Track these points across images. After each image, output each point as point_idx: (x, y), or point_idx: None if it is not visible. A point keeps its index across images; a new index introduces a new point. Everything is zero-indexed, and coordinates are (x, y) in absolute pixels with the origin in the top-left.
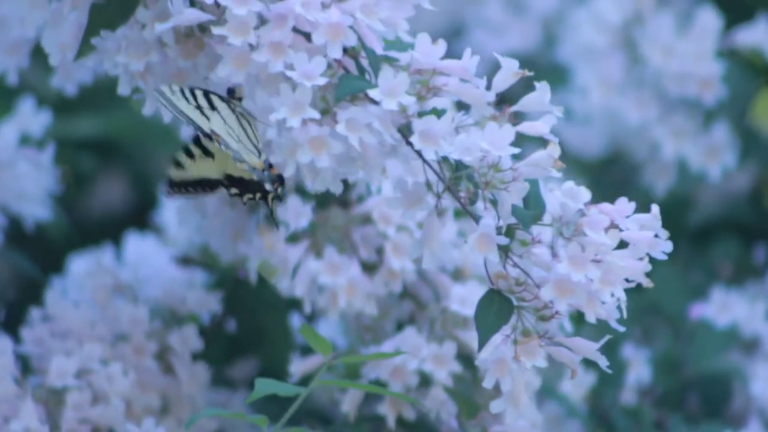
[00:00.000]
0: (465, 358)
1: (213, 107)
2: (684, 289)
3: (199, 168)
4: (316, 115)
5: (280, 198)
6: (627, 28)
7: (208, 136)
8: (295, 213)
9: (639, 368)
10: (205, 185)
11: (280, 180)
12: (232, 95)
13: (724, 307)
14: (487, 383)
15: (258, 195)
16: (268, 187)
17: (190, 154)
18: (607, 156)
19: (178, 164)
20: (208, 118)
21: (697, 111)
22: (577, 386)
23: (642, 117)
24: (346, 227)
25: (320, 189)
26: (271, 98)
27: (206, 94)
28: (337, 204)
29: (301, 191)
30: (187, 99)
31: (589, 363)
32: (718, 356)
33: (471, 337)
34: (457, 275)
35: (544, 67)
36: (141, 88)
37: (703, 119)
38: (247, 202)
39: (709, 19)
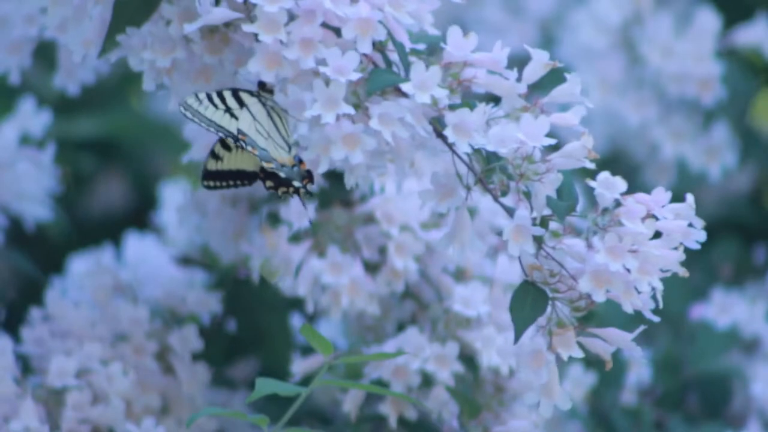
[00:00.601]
0: (467, 358)
1: (242, 104)
2: (684, 289)
3: (236, 160)
4: (351, 110)
5: (309, 193)
6: (626, 29)
7: (235, 138)
8: (298, 212)
9: (639, 368)
10: (242, 177)
11: (309, 176)
12: (263, 88)
13: (725, 308)
14: (523, 375)
15: (291, 189)
16: (296, 183)
17: (227, 147)
18: (607, 156)
19: (216, 156)
20: (237, 118)
21: (697, 111)
22: (577, 386)
23: (641, 117)
24: (349, 227)
25: (351, 184)
26: (304, 93)
27: (234, 92)
28: (340, 203)
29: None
30: (215, 104)
31: (589, 363)
32: (718, 357)
33: (473, 338)
34: (460, 276)
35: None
36: (166, 84)
37: (702, 119)
38: (282, 196)
39: (708, 20)
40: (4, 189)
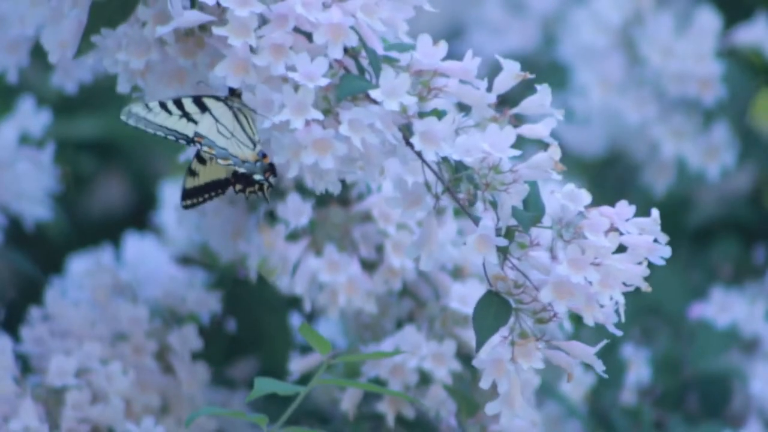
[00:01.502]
0: (464, 356)
1: (204, 109)
2: (684, 289)
3: (210, 172)
4: (320, 116)
5: (271, 185)
6: (626, 28)
7: (192, 141)
8: (295, 211)
9: (639, 368)
10: (216, 187)
11: (271, 168)
12: (232, 93)
13: (724, 307)
14: (484, 384)
15: (257, 187)
16: (257, 177)
17: (202, 161)
18: (607, 156)
19: (192, 172)
20: (195, 122)
21: (697, 111)
22: (576, 386)
23: (641, 117)
24: (346, 225)
25: (321, 189)
26: (272, 93)
27: (196, 99)
28: (337, 202)
29: (301, 189)
30: (168, 111)
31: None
32: (717, 356)
33: (470, 336)
34: (457, 274)
35: (544, 67)
36: (140, 86)
37: (702, 119)
38: (249, 196)
39: (709, 19)
40: (3, 189)
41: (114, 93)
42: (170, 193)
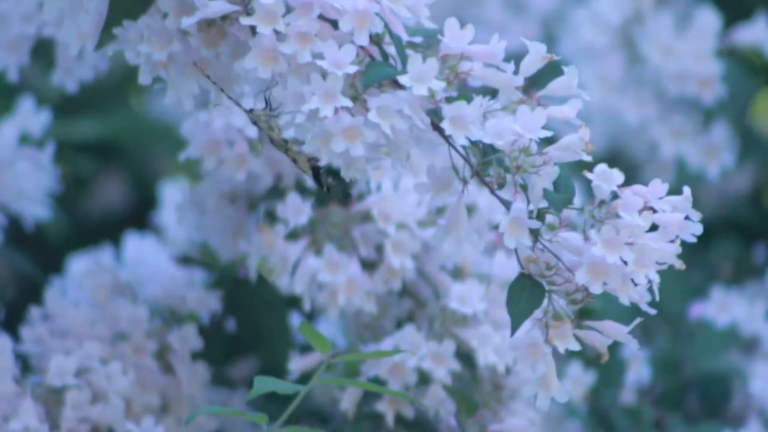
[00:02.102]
0: (464, 356)
1: None
2: (684, 288)
3: None
4: (349, 103)
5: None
6: (626, 28)
7: None
8: (295, 210)
9: (638, 368)
10: None
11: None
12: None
13: (724, 307)
14: (521, 368)
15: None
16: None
17: None
18: (607, 155)
19: None
20: None
21: (697, 110)
22: (576, 385)
23: (641, 116)
24: (346, 225)
25: (351, 176)
26: (303, 86)
27: None
28: (337, 201)
29: (300, 188)
30: None
31: (588, 362)
32: (717, 356)
33: (470, 336)
34: (457, 274)
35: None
36: (162, 77)
37: (702, 119)
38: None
39: (709, 19)
40: (3, 188)
41: (114, 94)
42: (170, 192)
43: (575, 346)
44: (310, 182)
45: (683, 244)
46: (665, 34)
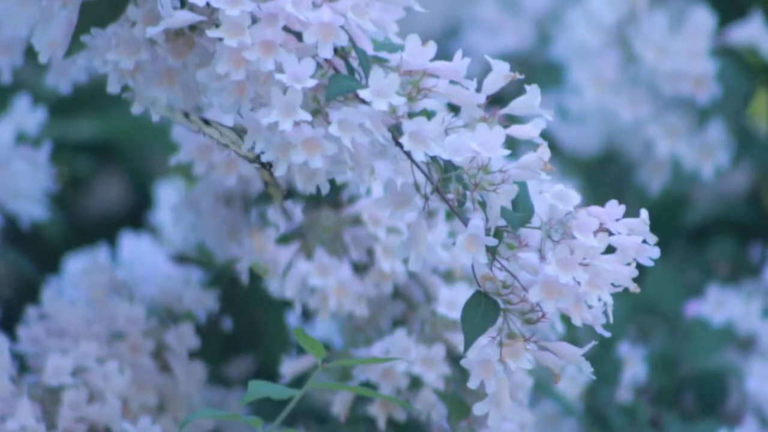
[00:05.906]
0: (455, 359)
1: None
2: (680, 287)
3: None
4: (308, 117)
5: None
6: (621, 27)
7: None
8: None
9: (635, 366)
10: None
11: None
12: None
13: (720, 305)
14: (472, 384)
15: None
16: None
17: None
18: (602, 155)
19: None
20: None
21: (692, 110)
22: (572, 384)
23: (636, 116)
24: (337, 228)
25: (311, 190)
26: (258, 114)
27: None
28: (328, 205)
29: (291, 192)
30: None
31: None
32: (713, 354)
33: (460, 340)
34: (449, 277)
35: (539, 66)
36: (130, 86)
37: (697, 118)
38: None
39: (703, 18)
40: (0, 188)
41: (110, 95)
42: (166, 192)
43: (528, 365)
44: (300, 185)
45: (679, 242)
46: (660, 34)
